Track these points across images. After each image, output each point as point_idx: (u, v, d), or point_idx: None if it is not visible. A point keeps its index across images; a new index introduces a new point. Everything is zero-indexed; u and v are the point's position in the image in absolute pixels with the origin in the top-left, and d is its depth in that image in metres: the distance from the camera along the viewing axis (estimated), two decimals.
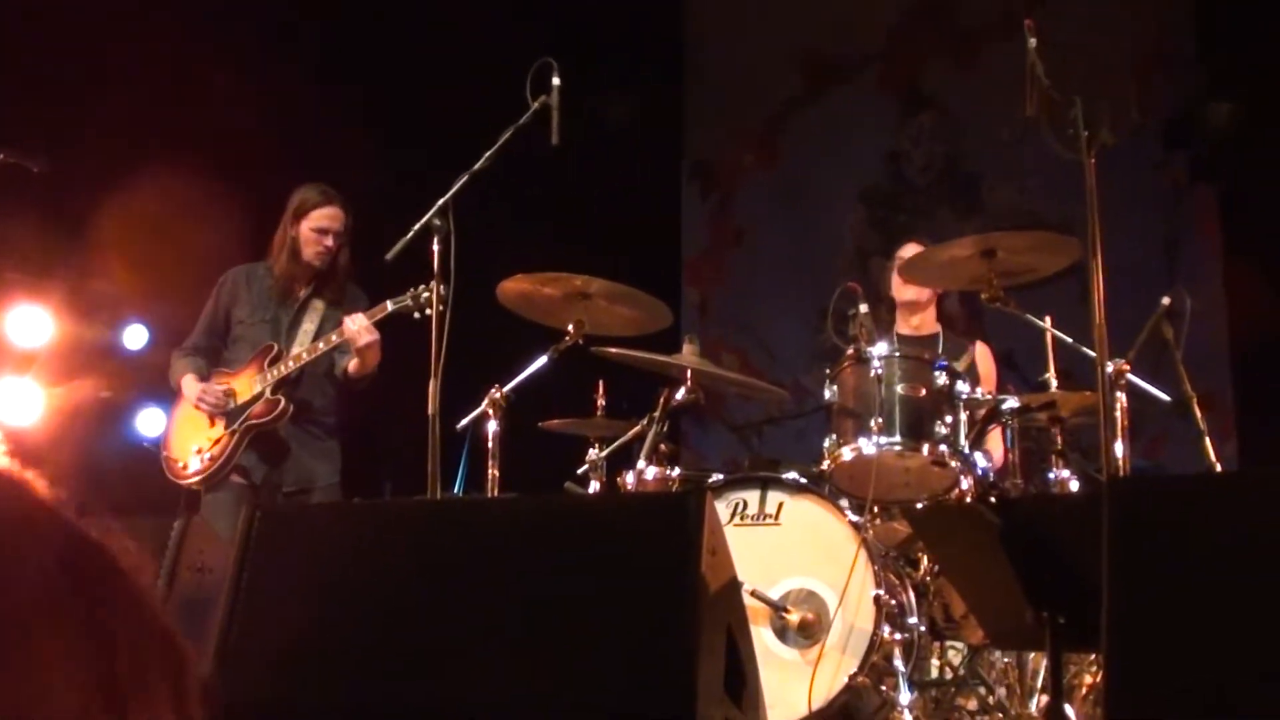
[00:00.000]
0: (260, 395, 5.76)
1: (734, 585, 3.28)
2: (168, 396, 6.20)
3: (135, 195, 7.21)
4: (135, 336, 7.97)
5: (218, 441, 5.77)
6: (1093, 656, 4.25)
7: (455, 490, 6.26)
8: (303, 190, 5.93)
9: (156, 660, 0.97)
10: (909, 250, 5.88)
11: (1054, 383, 4.95)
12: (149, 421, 7.80)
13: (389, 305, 5.54)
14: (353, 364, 5.71)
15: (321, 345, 5.71)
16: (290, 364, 5.74)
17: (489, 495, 4.96)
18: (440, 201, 4.83)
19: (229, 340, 6.01)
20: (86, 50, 7.35)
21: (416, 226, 4.85)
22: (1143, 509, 2.85)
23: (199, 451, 5.79)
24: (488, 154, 4.89)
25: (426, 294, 5.26)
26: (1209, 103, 8.76)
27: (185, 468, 5.81)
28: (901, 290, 6.09)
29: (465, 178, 4.87)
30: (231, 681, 2.93)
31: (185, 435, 5.89)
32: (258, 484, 5.75)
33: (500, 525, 3.20)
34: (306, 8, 8.14)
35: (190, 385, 5.88)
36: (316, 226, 5.88)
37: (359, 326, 5.56)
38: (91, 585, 0.96)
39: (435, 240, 4.84)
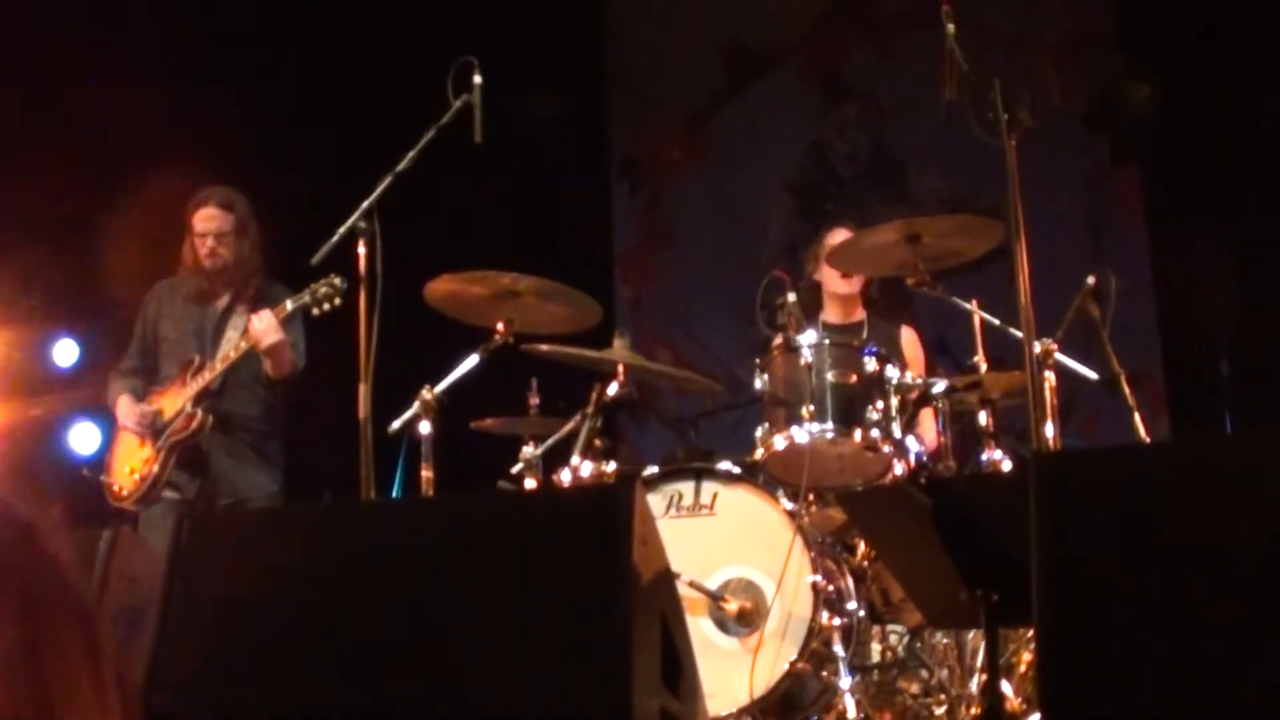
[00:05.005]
0: (182, 410, 5.70)
1: (667, 575, 3.28)
2: (102, 413, 6.13)
3: (61, 210, 7.14)
4: (65, 352, 7.85)
5: (147, 461, 5.72)
6: (1030, 633, 4.28)
7: (393, 494, 6.24)
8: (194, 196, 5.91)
9: (74, 628, 1.04)
10: (837, 236, 5.90)
11: (983, 365, 4.98)
12: (82, 438, 7.69)
13: (288, 304, 5.53)
14: (266, 365, 5.68)
15: (232, 353, 5.66)
16: (207, 375, 5.69)
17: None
18: (365, 204, 4.79)
19: (160, 356, 5.96)
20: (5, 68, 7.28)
21: (341, 230, 4.81)
22: (1068, 482, 2.87)
23: (131, 473, 5.73)
24: (410, 154, 4.86)
25: (325, 289, 5.29)
26: (1129, 84, 8.85)
27: (121, 490, 5.75)
28: (837, 284, 6.11)
29: (389, 179, 4.84)
30: (164, 690, 2.91)
31: (121, 459, 5.84)
32: (190, 498, 5.69)
33: (429, 524, 3.19)
34: (231, 12, 8.07)
35: (123, 407, 5.84)
36: (198, 231, 5.86)
37: (264, 326, 5.52)
38: (14, 553, 1.02)
39: (361, 243, 4.80)
